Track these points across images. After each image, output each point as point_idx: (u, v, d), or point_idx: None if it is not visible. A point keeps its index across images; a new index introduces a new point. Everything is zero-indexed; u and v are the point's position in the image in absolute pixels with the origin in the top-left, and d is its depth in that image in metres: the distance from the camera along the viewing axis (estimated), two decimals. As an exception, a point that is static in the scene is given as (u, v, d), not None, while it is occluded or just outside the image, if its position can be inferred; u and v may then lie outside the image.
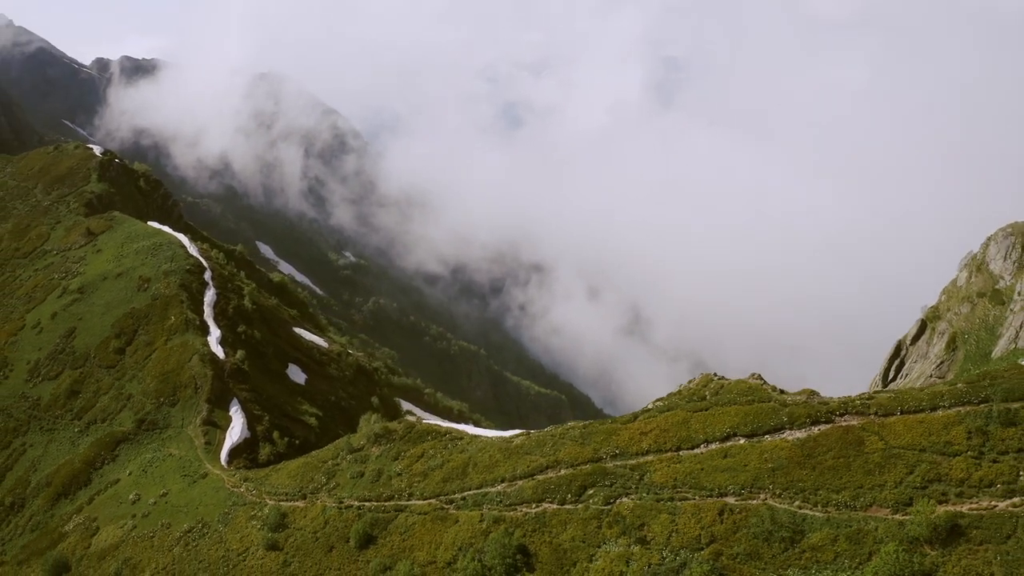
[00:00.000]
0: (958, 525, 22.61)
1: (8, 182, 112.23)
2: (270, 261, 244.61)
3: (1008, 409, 25.65)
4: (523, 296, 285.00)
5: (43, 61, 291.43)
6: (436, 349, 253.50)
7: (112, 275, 78.59)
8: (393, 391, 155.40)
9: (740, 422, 29.23)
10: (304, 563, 32.86)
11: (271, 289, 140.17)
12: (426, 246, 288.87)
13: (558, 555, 27.38)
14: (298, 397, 74.52)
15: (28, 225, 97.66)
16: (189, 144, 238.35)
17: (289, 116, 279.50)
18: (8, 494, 51.18)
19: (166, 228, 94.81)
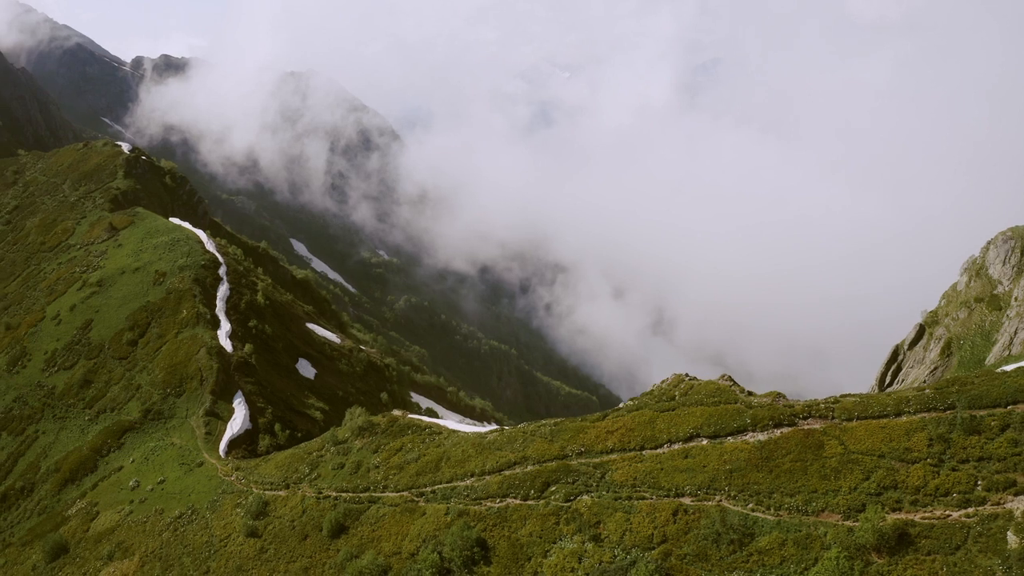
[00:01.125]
0: (907, 534, 22.39)
1: (39, 178, 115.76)
2: (303, 258, 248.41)
3: (973, 417, 25.30)
4: (549, 296, 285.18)
5: (83, 59, 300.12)
6: (467, 348, 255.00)
7: (130, 269, 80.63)
8: (416, 388, 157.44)
9: (704, 423, 29.26)
10: (279, 550, 33.72)
11: (294, 286, 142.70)
12: (453, 245, 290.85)
13: (515, 549, 27.73)
14: (306, 391, 75.79)
15: (55, 220, 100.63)
16: (218, 141, 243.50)
17: (316, 113, 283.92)
18: (19, 479, 53.10)
19: (186, 224, 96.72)
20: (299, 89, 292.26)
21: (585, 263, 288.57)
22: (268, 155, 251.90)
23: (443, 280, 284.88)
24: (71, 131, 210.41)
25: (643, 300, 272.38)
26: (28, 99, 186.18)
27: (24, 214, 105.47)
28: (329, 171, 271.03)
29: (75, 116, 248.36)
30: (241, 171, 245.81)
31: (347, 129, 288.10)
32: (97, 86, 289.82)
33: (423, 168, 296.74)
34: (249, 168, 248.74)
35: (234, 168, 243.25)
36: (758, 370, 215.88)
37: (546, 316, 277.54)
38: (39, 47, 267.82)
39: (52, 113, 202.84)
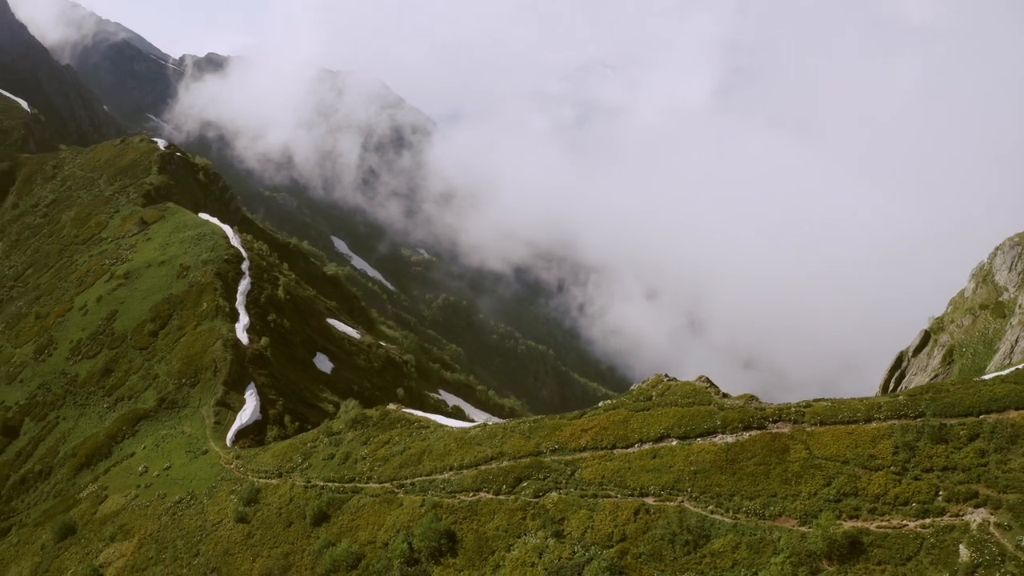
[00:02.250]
0: (860, 542, 22.27)
1: (76, 172, 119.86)
2: (343, 255, 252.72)
3: (943, 425, 25.04)
4: (582, 296, 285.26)
5: (130, 55, 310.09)
6: (503, 348, 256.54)
7: (156, 262, 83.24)
8: (445, 386, 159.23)
9: (675, 423, 29.44)
10: (265, 536, 34.90)
11: (324, 282, 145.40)
12: (488, 243, 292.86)
13: (481, 542, 28.33)
14: (321, 385, 77.36)
15: (89, 214, 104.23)
16: (255, 137, 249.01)
17: (351, 110, 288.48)
18: (38, 462, 55.50)
19: (214, 220, 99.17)
20: (335, 86, 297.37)
21: (618, 263, 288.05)
22: (303, 151, 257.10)
23: (479, 279, 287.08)
24: (114, 127, 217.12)
25: (675, 301, 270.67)
26: (72, 96, 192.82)
27: (61, 207, 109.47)
28: (361, 166, 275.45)
29: (120, 112, 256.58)
30: (277, 167, 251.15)
31: (381, 126, 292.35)
32: (142, 82, 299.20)
33: (456, 166, 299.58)
34: (284, 164, 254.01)
35: (270, 164, 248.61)
36: (793, 374, 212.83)
37: (579, 316, 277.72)
38: (84, 41, 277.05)
39: (95, 109, 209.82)
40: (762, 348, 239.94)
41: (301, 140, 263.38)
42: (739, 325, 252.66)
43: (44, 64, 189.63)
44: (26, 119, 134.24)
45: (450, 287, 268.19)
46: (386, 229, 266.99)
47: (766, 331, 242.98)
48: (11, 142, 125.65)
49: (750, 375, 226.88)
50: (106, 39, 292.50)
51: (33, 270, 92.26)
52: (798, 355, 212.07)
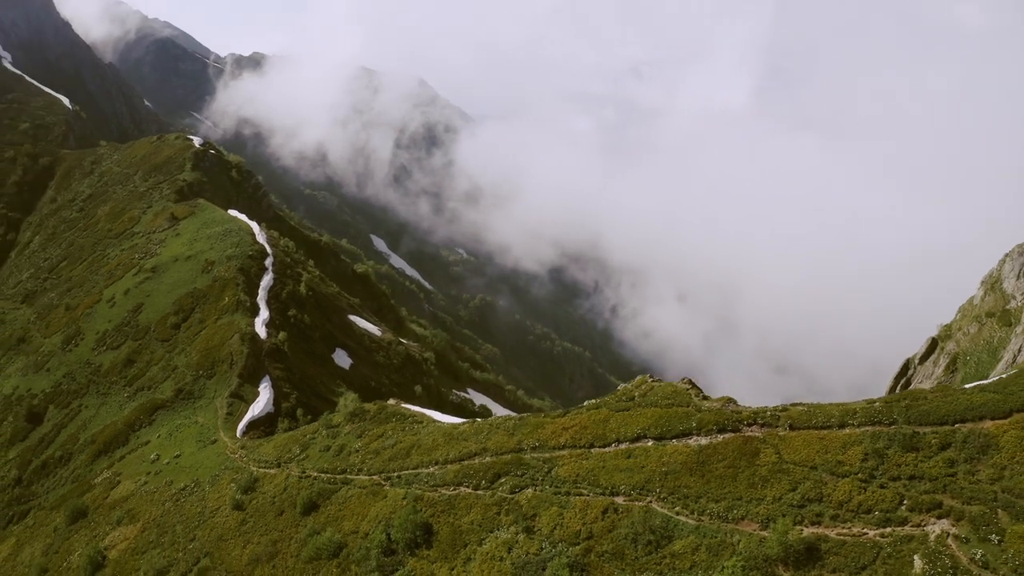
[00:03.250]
0: (817, 549, 22.26)
1: (113, 168, 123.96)
2: (382, 254, 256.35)
3: (915, 433, 24.88)
4: (615, 298, 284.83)
5: (174, 53, 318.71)
6: (540, 349, 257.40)
7: (183, 257, 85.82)
8: (474, 385, 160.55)
9: (652, 424, 29.73)
10: (257, 523, 36.14)
11: (354, 280, 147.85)
12: (522, 244, 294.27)
13: (455, 536, 29.03)
14: (338, 380, 78.89)
15: (123, 209, 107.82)
16: (291, 135, 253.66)
17: (385, 109, 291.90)
18: (59, 449, 57.94)
19: (242, 216, 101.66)
20: (371, 85, 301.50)
21: (650, 266, 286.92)
22: (338, 149, 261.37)
23: (513, 278, 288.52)
24: (155, 124, 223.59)
25: (707, 305, 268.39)
26: (115, 93, 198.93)
27: (97, 202, 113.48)
28: (394, 162, 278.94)
29: (162, 108, 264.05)
30: (313, 165, 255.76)
31: (414, 125, 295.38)
32: (184, 79, 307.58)
33: (489, 166, 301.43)
34: (319, 162, 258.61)
35: (305, 162, 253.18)
36: (824, 380, 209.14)
37: (612, 318, 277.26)
38: (127, 37, 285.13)
39: (137, 106, 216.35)
40: (793, 352, 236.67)
41: (336, 138, 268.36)
42: (770, 329, 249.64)
43: (87, 62, 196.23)
44: (67, 116, 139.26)
45: (486, 287, 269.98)
46: (422, 228, 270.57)
47: (797, 335, 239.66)
48: (52, 138, 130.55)
49: (782, 380, 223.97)
50: (149, 36, 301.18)
51: (67, 263, 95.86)
52: (829, 360, 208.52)
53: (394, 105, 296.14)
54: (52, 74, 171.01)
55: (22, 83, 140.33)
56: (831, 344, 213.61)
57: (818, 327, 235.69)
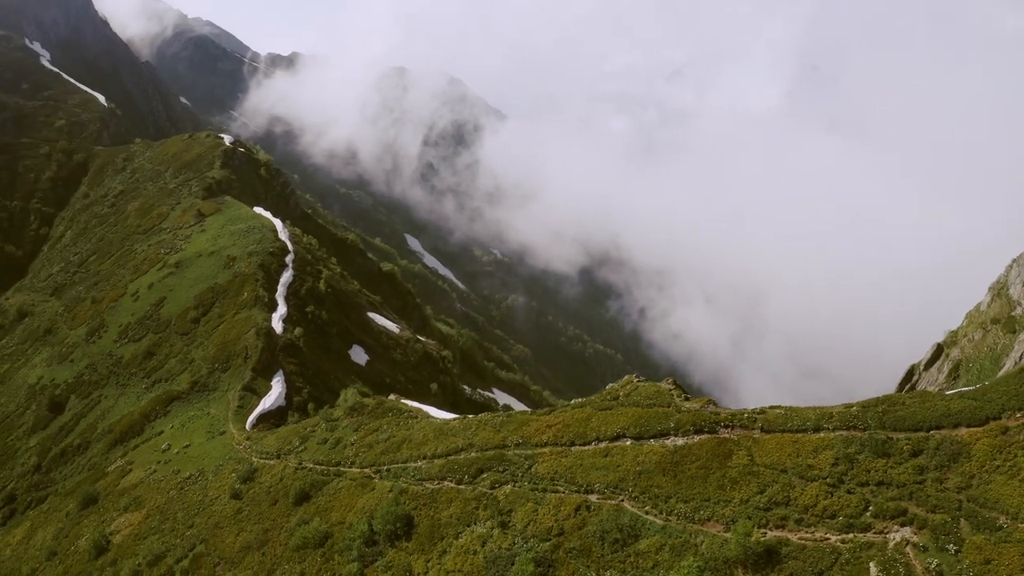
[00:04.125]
0: (777, 552, 22.36)
1: (145, 165, 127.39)
2: (416, 253, 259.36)
3: (888, 439, 24.81)
4: (643, 299, 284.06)
5: (211, 51, 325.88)
6: (571, 350, 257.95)
7: (206, 253, 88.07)
8: (500, 385, 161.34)
9: (632, 424, 30.08)
10: (252, 512, 37.35)
11: (380, 278, 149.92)
12: (550, 245, 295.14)
13: (434, 528, 29.75)
14: (352, 375, 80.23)
15: (152, 205, 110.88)
16: (323, 133, 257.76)
17: (416, 109, 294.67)
18: (77, 437, 60.13)
19: (266, 213, 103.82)
20: (401, 83, 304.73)
21: (678, 267, 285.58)
22: (367, 148, 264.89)
23: (544, 279, 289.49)
24: (191, 122, 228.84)
25: (735, 308, 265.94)
26: (151, 91, 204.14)
27: (127, 198, 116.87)
28: (421, 161, 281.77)
29: (198, 106, 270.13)
30: (344, 163, 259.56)
31: (443, 123, 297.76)
32: (219, 77, 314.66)
33: (521, 166, 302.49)
34: (350, 160, 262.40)
35: (336, 160, 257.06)
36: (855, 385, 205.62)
37: (640, 320, 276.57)
38: (164, 33, 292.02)
39: (173, 104, 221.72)
40: (820, 355, 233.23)
41: (366, 136, 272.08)
42: (797, 331, 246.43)
43: (125, 60, 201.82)
44: (102, 113, 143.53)
45: (518, 287, 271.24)
46: (448, 227, 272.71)
47: (824, 338, 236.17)
48: (86, 135, 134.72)
49: (809, 383, 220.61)
50: (186, 32, 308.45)
51: (96, 257, 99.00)
52: (856, 363, 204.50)
53: (424, 103, 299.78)
54: (90, 72, 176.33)
55: (59, 81, 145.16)
56: (858, 347, 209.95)
57: (845, 330, 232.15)
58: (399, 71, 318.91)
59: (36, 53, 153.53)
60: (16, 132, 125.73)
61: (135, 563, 37.19)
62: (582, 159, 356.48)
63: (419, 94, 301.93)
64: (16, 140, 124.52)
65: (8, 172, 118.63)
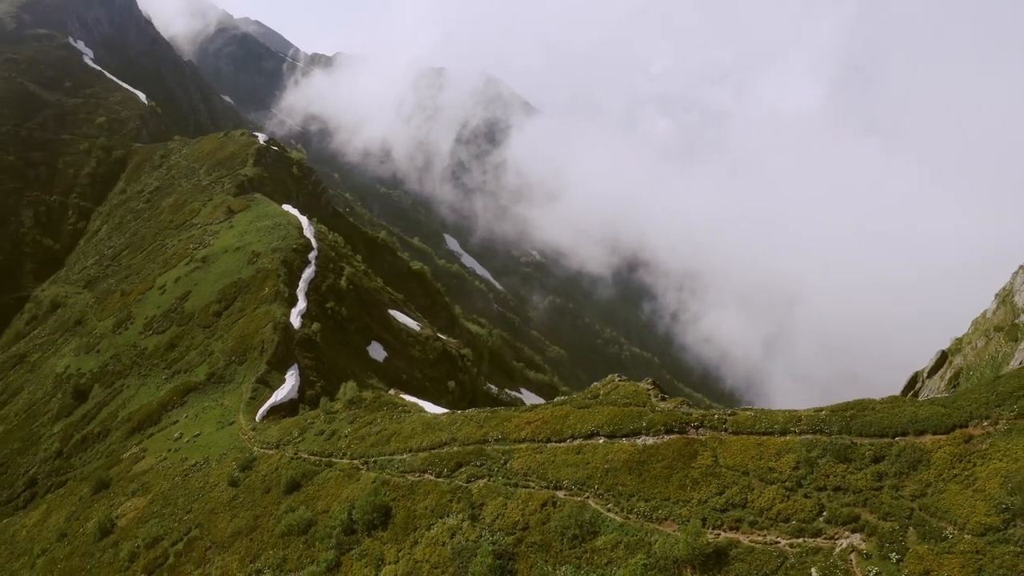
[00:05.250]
0: (725, 554, 22.57)
1: (181, 162, 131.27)
2: (454, 253, 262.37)
3: (852, 444, 24.93)
4: (676, 302, 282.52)
5: (258, 53, 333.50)
6: (607, 353, 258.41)
7: (232, 248, 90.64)
8: (528, 385, 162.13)
9: (606, 422, 30.56)
10: (246, 499, 38.82)
11: (409, 277, 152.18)
12: (584, 246, 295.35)
13: (409, 519, 30.69)
14: (369, 371, 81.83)
15: (185, 201, 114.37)
16: (359, 132, 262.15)
17: (450, 107, 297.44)
18: (98, 425, 62.73)
19: (294, 211, 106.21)
20: (438, 83, 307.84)
21: (710, 270, 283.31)
22: (402, 146, 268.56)
23: (579, 280, 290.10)
24: (231, 120, 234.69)
25: (767, 311, 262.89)
26: (192, 90, 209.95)
27: (162, 194, 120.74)
28: (453, 160, 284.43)
29: (240, 103, 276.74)
30: (379, 161, 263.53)
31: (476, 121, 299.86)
32: (260, 76, 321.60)
33: (553, 165, 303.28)
34: (384, 158, 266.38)
35: (371, 158, 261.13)
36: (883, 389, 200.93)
37: (673, 323, 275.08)
38: (207, 30, 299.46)
39: (214, 103, 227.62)
40: (853, 359, 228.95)
41: (400, 135, 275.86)
42: (828, 334, 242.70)
43: (167, 59, 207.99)
44: (142, 111, 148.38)
45: (555, 288, 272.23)
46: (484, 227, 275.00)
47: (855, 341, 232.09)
48: (126, 132, 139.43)
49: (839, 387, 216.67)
50: (230, 30, 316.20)
51: (129, 251, 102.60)
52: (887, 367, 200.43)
53: (458, 101, 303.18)
54: (133, 70, 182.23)
55: (101, 79, 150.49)
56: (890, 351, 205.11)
57: (878, 333, 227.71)
58: (436, 71, 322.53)
59: (79, 51, 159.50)
60: (57, 128, 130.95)
61: (134, 545, 39.00)
62: (617, 160, 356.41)
63: (454, 93, 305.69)
64: (57, 136, 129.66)
65: (48, 168, 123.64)
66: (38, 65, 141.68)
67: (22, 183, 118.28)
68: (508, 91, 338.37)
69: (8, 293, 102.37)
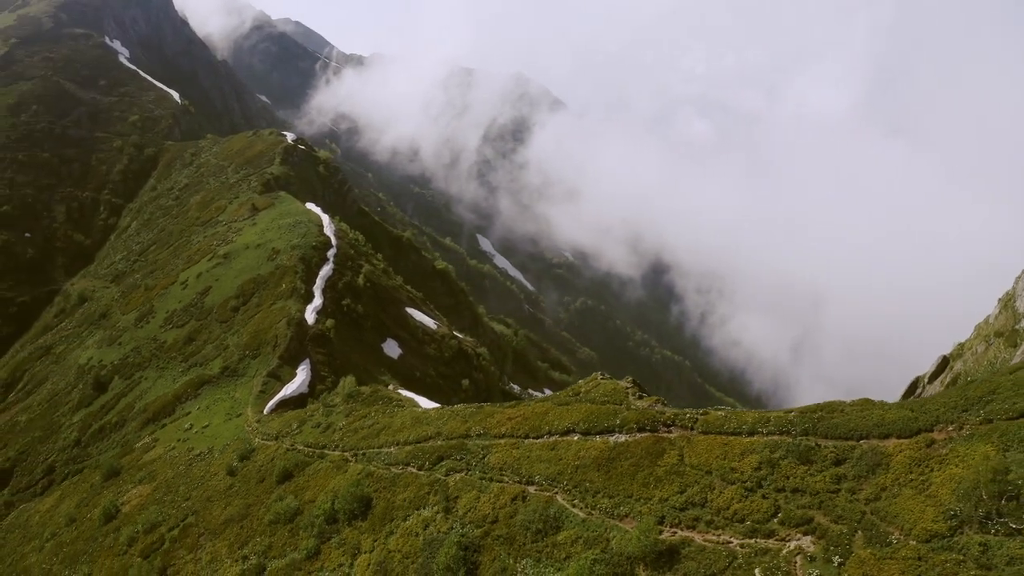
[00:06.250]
0: (678, 552, 22.86)
1: (211, 160, 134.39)
2: (486, 253, 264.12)
3: (816, 445, 25.09)
4: (703, 304, 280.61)
5: (296, 53, 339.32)
6: (638, 355, 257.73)
7: (253, 245, 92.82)
8: (552, 385, 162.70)
9: (583, 419, 31.08)
10: (241, 488, 40.18)
11: (434, 276, 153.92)
12: (612, 248, 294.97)
13: (388, 510, 31.60)
14: (383, 368, 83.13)
15: (212, 199, 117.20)
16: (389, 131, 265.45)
17: (478, 106, 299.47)
18: (116, 415, 64.97)
19: (316, 209, 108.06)
20: (466, 82, 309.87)
21: (737, 273, 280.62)
22: (429, 145, 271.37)
23: (608, 282, 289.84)
24: (265, 119, 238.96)
25: (794, 314, 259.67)
26: (227, 89, 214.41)
27: (191, 192, 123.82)
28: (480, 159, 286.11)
29: (275, 102, 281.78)
30: (408, 159, 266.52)
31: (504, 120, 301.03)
32: (298, 76, 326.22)
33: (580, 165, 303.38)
34: (412, 157, 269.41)
35: (401, 157, 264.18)
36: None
37: (700, 326, 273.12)
38: (242, 28, 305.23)
39: (248, 102, 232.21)
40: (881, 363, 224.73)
41: (428, 134, 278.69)
42: (858, 338, 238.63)
43: (203, 59, 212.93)
44: (175, 109, 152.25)
45: (585, 290, 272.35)
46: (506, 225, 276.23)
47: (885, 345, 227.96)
48: (158, 130, 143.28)
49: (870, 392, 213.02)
50: (265, 28, 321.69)
51: (156, 247, 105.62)
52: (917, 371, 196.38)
53: (486, 100, 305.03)
54: (169, 70, 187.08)
55: (136, 78, 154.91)
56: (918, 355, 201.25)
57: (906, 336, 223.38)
58: (466, 71, 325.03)
59: (115, 51, 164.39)
60: (91, 126, 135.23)
61: (133, 530, 40.64)
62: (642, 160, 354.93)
63: (483, 92, 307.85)
64: (91, 134, 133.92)
65: (81, 164, 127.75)
66: (74, 64, 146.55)
67: (55, 179, 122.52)
68: (536, 88, 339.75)
69: (39, 287, 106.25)
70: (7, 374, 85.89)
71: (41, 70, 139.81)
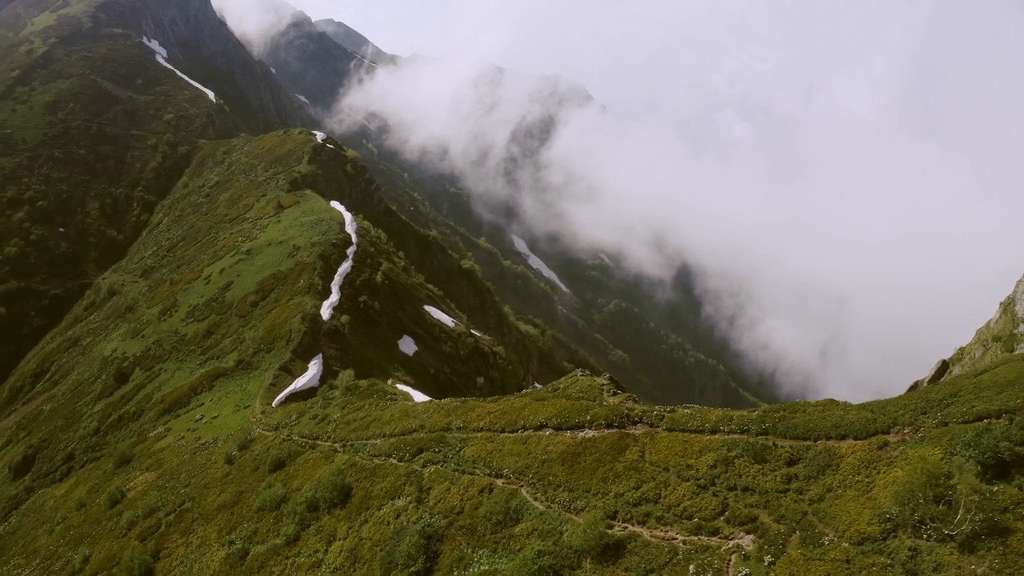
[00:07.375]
0: (623, 546, 23.32)
1: (241, 159, 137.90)
2: (521, 254, 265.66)
3: (773, 445, 25.40)
4: (732, 307, 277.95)
5: (335, 54, 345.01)
6: (671, 358, 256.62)
7: (276, 242, 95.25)
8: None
9: (556, 415, 31.80)
10: (236, 476, 41.80)
11: (459, 275, 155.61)
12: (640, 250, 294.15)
13: (365, 500, 32.73)
14: (397, 364, 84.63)
15: (241, 196, 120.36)
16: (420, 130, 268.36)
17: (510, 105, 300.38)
18: (135, 405, 67.55)
19: (339, 207, 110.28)
20: (498, 80, 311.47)
21: (765, 275, 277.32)
22: (458, 144, 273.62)
23: (639, 284, 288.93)
24: (299, 117, 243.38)
25: (823, 317, 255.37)
26: (263, 88, 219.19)
27: (221, 189, 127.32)
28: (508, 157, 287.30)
29: (312, 101, 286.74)
30: (438, 158, 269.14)
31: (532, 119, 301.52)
32: (334, 75, 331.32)
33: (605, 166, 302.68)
34: (442, 156, 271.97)
35: (431, 157, 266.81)
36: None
37: (729, 328, 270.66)
38: (279, 25, 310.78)
39: (283, 101, 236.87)
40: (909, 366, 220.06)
41: (457, 133, 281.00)
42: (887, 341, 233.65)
43: (239, 59, 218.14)
44: (209, 108, 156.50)
45: (618, 292, 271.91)
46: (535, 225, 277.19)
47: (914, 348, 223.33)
48: (192, 128, 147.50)
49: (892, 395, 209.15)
50: (302, 27, 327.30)
51: (184, 243, 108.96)
52: None
53: (516, 99, 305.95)
54: (206, 70, 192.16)
55: (172, 77, 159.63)
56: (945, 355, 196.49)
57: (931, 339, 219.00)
58: (498, 70, 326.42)
59: (152, 51, 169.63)
60: (127, 124, 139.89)
61: (134, 514, 42.54)
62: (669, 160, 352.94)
63: (513, 91, 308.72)
64: (126, 132, 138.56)
65: (116, 161, 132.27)
66: (111, 63, 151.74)
67: (90, 176, 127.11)
68: (566, 86, 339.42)
69: (72, 280, 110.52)
70: (36, 364, 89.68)
71: (79, 69, 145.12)
